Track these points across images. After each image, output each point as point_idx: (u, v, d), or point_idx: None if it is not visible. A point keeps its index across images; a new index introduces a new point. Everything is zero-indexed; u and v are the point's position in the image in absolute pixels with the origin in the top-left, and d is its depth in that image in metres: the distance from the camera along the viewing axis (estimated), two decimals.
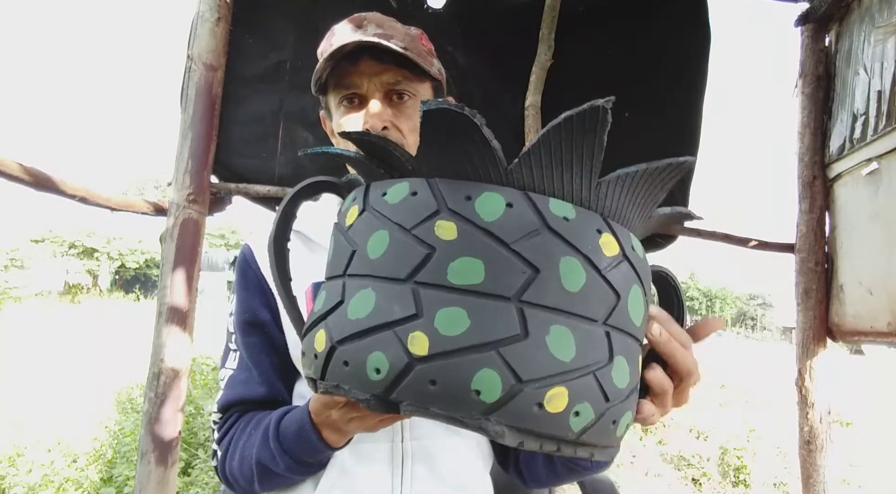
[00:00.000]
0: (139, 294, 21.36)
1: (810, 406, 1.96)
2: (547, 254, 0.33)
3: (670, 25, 2.13)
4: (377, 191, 0.39)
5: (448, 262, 0.33)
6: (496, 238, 0.33)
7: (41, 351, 6.69)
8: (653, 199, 0.40)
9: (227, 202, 1.92)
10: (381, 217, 0.37)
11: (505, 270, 0.33)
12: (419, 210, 0.35)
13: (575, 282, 0.34)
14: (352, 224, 0.39)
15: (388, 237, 0.36)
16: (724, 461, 3.67)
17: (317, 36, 2.13)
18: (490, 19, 2.05)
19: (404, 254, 0.35)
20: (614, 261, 0.36)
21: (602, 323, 0.35)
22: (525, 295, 0.33)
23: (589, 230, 0.35)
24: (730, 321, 43.50)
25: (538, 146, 0.34)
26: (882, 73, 1.69)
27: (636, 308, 0.37)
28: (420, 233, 0.34)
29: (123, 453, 2.99)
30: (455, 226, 0.34)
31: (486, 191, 0.34)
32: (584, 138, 0.34)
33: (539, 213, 0.34)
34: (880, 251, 1.70)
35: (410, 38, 0.73)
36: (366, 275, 0.36)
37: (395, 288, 0.34)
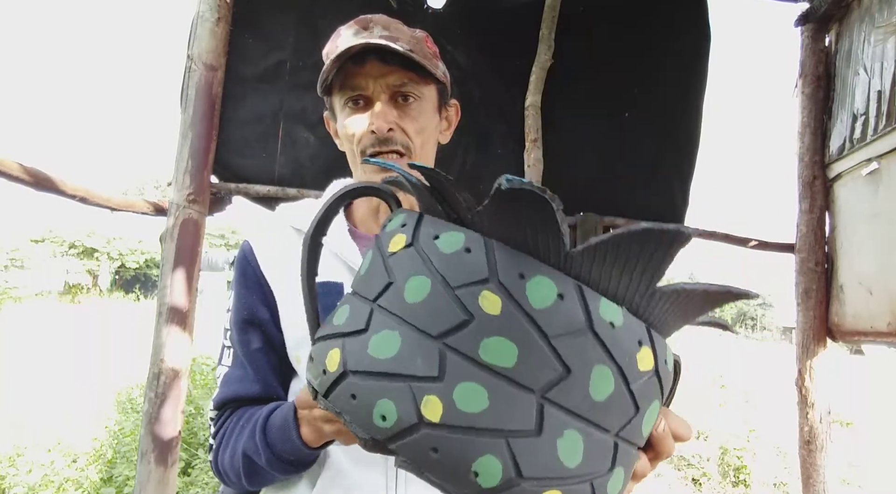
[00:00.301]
0: (139, 294, 21.36)
1: (810, 406, 1.96)
2: (583, 357, 0.32)
3: (670, 25, 2.13)
4: (429, 230, 0.37)
5: (483, 337, 0.32)
6: (538, 328, 0.32)
7: (41, 351, 6.69)
8: (701, 314, 0.39)
9: (227, 202, 1.92)
10: (427, 262, 0.35)
11: (537, 363, 0.32)
12: (469, 271, 0.34)
13: (602, 391, 0.33)
14: (395, 252, 0.38)
15: (429, 286, 0.34)
16: (724, 461, 3.67)
17: (317, 36, 2.14)
18: (490, 19, 2.05)
19: (442, 311, 0.33)
20: (645, 376, 0.35)
21: (614, 434, 0.35)
22: (550, 393, 0.32)
23: (631, 341, 0.34)
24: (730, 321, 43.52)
25: (607, 243, 0.32)
26: (882, 73, 1.69)
27: (649, 420, 0.37)
28: (463, 296, 0.33)
29: (123, 453, 2.99)
30: (500, 302, 0.32)
31: (541, 274, 0.33)
32: (656, 251, 0.33)
33: (587, 313, 0.33)
34: (880, 251, 1.70)
35: (416, 40, 0.73)
36: (397, 316, 0.35)
37: (424, 343, 0.34)
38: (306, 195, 1.89)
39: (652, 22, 2.13)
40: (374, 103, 0.72)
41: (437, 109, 0.78)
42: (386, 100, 0.72)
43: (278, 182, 1.92)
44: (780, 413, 4.96)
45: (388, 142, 0.71)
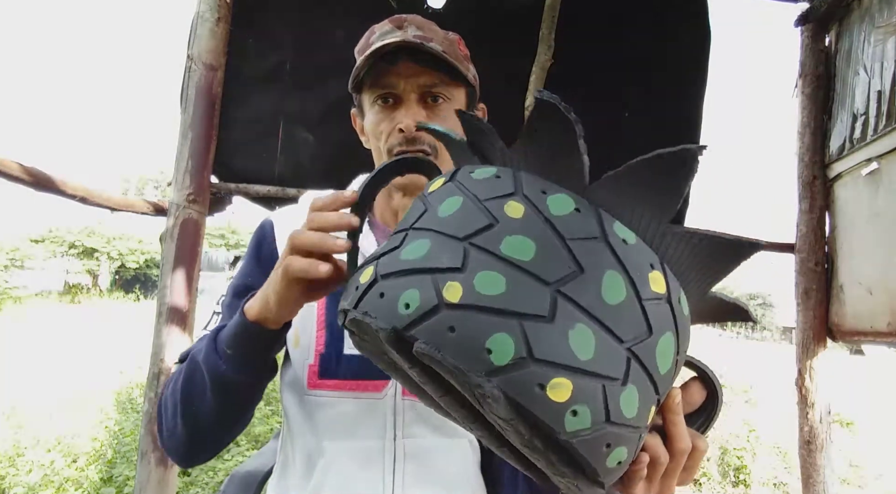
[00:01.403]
0: (139, 294, 21.35)
1: (810, 406, 1.96)
2: (596, 260, 0.35)
3: (670, 25, 2.13)
4: (467, 169, 0.42)
5: (505, 235, 0.35)
6: (556, 230, 0.35)
7: (41, 350, 6.69)
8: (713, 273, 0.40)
9: (227, 202, 1.92)
10: (461, 187, 0.40)
11: (553, 259, 0.35)
12: (497, 188, 0.38)
13: (613, 295, 0.35)
14: (433, 191, 0.42)
15: (460, 202, 0.38)
16: (724, 461, 3.67)
17: (317, 36, 2.14)
18: (490, 19, 2.05)
19: (470, 218, 0.37)
20: (657, 298, 0.36)
21: (627, 347, 0.35)
22: (564, 288, 0.34)
23: (643, 260, 0.36)
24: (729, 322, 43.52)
25: (623, 174, 0.36)
26: (882, 73, 1.68)
27: (664, 356, 0.37)
28: (490, 205, 0.37)
29: (123, 453, 2.99)
30: (523, 209, 0.36)
31: (562, 192, 0.37)
32: (668, 180, 0.36)
33: (602, 227, 0.36)
34: (880, 251, 1.70)
35: (449, 41, 0.74)
36: (429, 229, 0.39)
37: (450, 243, 0.37)
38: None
39: (652, 22, 2.13)
40: (404, 102, 0.72)
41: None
42: (416, 99, 0.72)
43: (278, 182, 1.92)
44: (780, 413, 4.96)
45: (415, 142, 0.71)
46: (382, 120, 0.73)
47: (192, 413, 0.62)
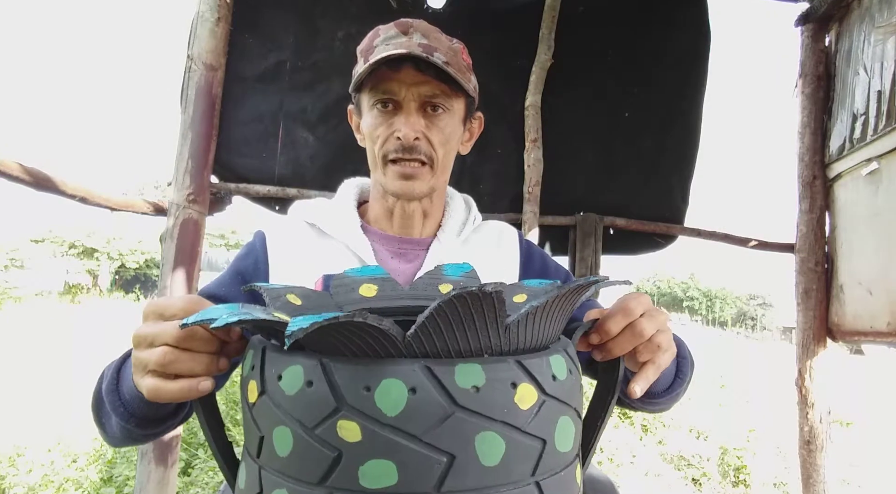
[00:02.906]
0: (139, 294, 21.35)
1: (810, 406, 1.96)
2: (461, 437, 0.32)
3: (670, 25, 2.13)
4: (272, 370, 0.36)
5: (358, 466, 0.32)
6: (404, 433, 0.31)
7: (41, 350, 6.69)
8: (571, 307, 0.39)
9: (227, 202, 1.92)
10: (280, 408, 0.35)
11: (419, 466, 0.31)
12: (318, 407, 0.33)
13: (495, 456, 0.33)
14: (254, 403, 0.37)
15: (291, 435, 0.34)
16: (724, 461, 3.66)
17: (317, 36, 2.13)
18: (490, 19, 2.05)
19: (311, 457, 0.33)
20: (534, 410, 0.35)
21: (530, 477, 0.34)
22: (444, 486, 0.32)
23: (502, 391, 0.33)
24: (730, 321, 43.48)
25: (433, 316, 0.32)
26: (882, 73, 1.68)
27: (566, 436, 0.37)
28: (323, 434, 0.32)
29: (123, 453, 2.99)
30: (358, 427, 0.32)
31: (386, 376, 0.32)
32: (481, 305, 0.32)
33: (446, 392, 0.32)
34: (880, 251, 1.70)
35: (453, 52, 0.73)
36: (279, 472, 0.35)
37: (310, 493, 0.33)
38: (306, 195, 1.89)
39: (652, 22, 2.13)
40: (403, 109, 0.72)
41: (462, 122, 0.79)
42: (416, 108, 0.72)
43: (278, 182, 1.92)
44: (780, 413, 4.95)
45: (412, 151, 0.72)
46: (380, 124, 0.73)
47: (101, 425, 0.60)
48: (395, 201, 0.78)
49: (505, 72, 2.05)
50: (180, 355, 0.42)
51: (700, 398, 5.98)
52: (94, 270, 22.47)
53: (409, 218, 0.79)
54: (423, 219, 0.81)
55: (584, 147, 2.11)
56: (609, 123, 2.12)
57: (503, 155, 2.07)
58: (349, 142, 2.00)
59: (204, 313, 0.36)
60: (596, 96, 2.12)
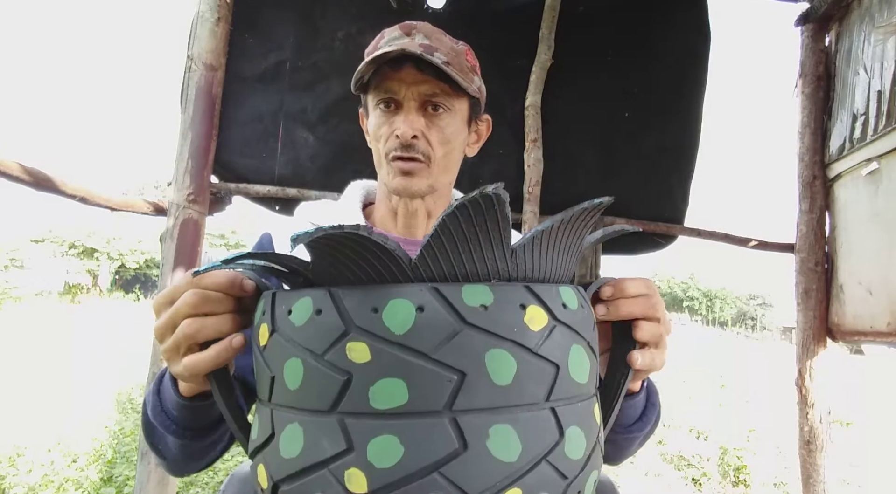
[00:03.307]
0: (139, 294, 21.35)
1: (810, 406, 1.96)
2: (471, 354, 0.32)
3: (670, 25, 2.13)
4: (282, 307, 0.36)
5: (368, 387, 0.31)
6: (413, 350, 0.31)
7: (41, 350, 6.69)
8: (579, 239, 0.38)
9: (227, 202, 1.92)
10: (291, 342, 0.35)
11: (429, 383, 0.31)
12: (327, 332, 0.33)
13: (506, 374, 0.32)
14: (265, 345, 0.37)
15: (301, 365, 0.34)
16: (724, 461, 3.66)
17: (317, 36, 2.13)
18: (490, 19, 2.05)
19: (322, 384, 0.33)
20: (545, 333, 0.34)
21: (545, 401, 0.34)
22: (456, 404, 0.31)
23: (511, 311, 0.33)
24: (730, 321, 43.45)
25: (438, 235, 0.32)
26: (882, 73, 1.68)
27: (580, 366, 0.36)
28: (333, 358, 0.32)
29: (123, 453, 2.99)
30: (367, 347, 0.31)
31: (393, 298, 0.32)
32: (485, 218, 0.32)
33: (453, 310, 0.32)
34: (880, 251, 1.70)
35: (455, 52, 0.74)
36: (290, 407, 0.35)
37: (321, 422, 0.33)
38: (306, 195, 1.89)
39: (652, 22, 2.13)
40: (404, 108, 0.73)
41: (466, 123, 0.79)
42: (416, 107, 0.73)
43: (278, 182, 1.92)
44: (780, 413, 4.96)
45: (410, 149, 0.73)
46: (383, 124, 0.75)
47: (160, 451, 0.61)
48: (398, 200, 0.79)
49: (505, 72, 2.05)
50: (204, 321, 0.42)
51: (700, 398, 5.98)
52: (94, 270, 22.47)
53: (413, 217, 0.80)
54: (426, 220, 0.81)
55: (584, 147, 2.11)
56: (609, 123, 2.12)
57: (503, 155, 2.07)
58: (349, 142, 2.00)
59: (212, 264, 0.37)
60: (596, 96, 2.12)
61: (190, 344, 0.43)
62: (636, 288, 0.48)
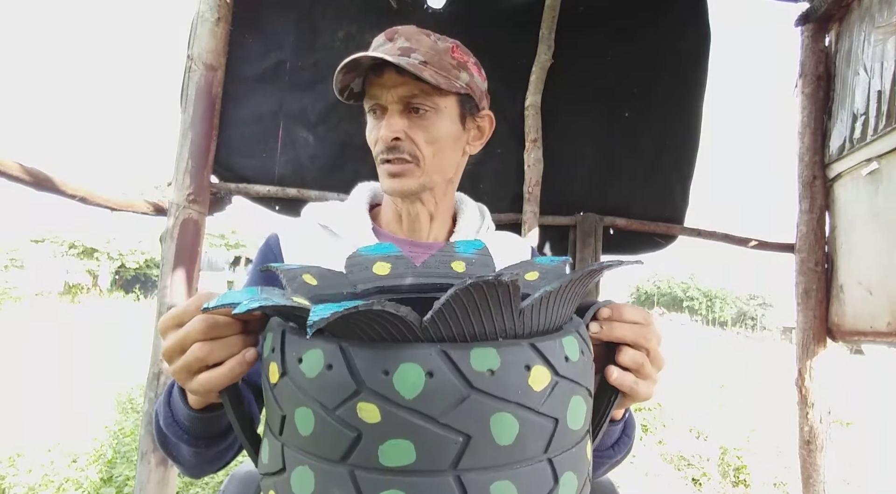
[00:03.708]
0: (139, 294, 21.35)
1: (810, 406, 1.96)
2: (476, 418, 0.33)
3: (670, 25, 2.13)
4: (292, 353, 0.37)
5: (377, 445, 0.33)
6: (422, 415, 0.32)
7: (41, 351, 6.69)
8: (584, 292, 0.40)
9: (227, 202, 1.92)
10: (302, 390, 0.36)
11: (436, 445, 0.33)
12: (338, 389, 0.34)
13: (508, 435, 0.34)
14: (276, 384, 0.38)
15: (313, 416, 0.35)
16: (724, 461, 3.67)
17: (317, 36, 2.13)
18: (490, 19, 2.05)
19: (333, 436, 0.34)
20: (548, 391, 0.35)
21: (542, 454, 0.35)
22: (461, 465, 0.33)
23: (516, 374, 0.34)
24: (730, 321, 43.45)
25: (450, 303, 0.33)
26: (882, 73, 1.68)
27: (578, 414, 0.38)
28: (344, 415, 0.34)
29: (123, 453, 2.99)
30: (377, 409, 0.33)
31: (403, 361, 0.33)
32: (498, 298, 0.33)
33: (461, 375, 0.33)
34: (880, 251, 1.70)
35: (436, 51, 0.73)
36: (301, 449, 0.36)
37: (332, 470, 0.34)
38: (306, 195, 1.89)
39: (652, 22, 2.13)
40: (388, 113, 0.74)
41: (458, 120, 0.78)
42: (399, 110, 0.74)
43: (278, 182, 1.92)
44: (780, 413, 4.96)
45: (394, 150, 0.74)
46: (372, 129, 0.76)
47: (175, 458, 0.62)
48: (401, 204, 0.80)
49: (505, 72, 2.05)
50: (213, 345, 0.44)
51: (700, 398, 5.98)
52: (94, 270, 22.47)
53: (415, 219, 0.80)
54: (429, 222, 0.82)
55: (584, 147, 2.11)
56: (609, 123, 2.12)
57: (503, 155, 2.07)
58: (349, 142, 2.00)
59: (225, 297, 0.37)
60: (596, 96, 2.12)
61: (200, 366, 0.44)
62: (633, 315, 0.49)
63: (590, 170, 2.11)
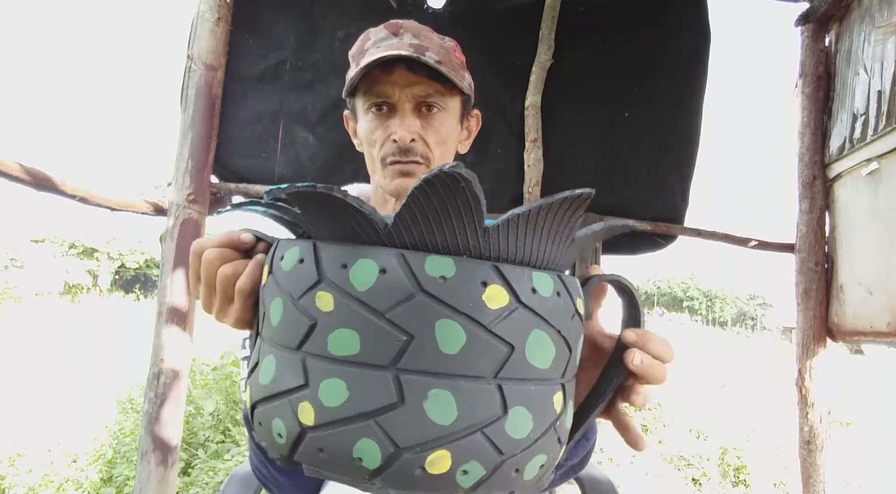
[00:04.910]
0: (139, 294, 21.36)
1: (810, 406, 1.96)
2: (421, 319, 0.33)
3: (670, 25, 2.13)
4: (279, 252, 0.40)
5: (328, 334, 0.34)
6: (369, 307, 0.34)
7: (41, 350, 6.69)
8: (565, 229, 0.38)
9: (227, 202, 1.92)
10: (278, 283, 0.38)
11: (379, 339, 0.33)
12: (304, 280, 0.36)
13: (453, 344, 0.34)
14: (264, 285, 0.41)
15: (282, 305, 0.37)
16: (724, 461, 3.67)
17: (317, 36, 2.13)
18: (490, 19, 2.05)
19: (294, 324, 0.36)
20: (503, 312, 0.35)
21: (492, 377, 0.35)
22: (401, 363, 0.33)
23: (470, 286, 0.34)
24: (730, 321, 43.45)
25: (410, 205, 0.33)
26: (882, 73, 1.69)
27: (540, 351, 0.37)
28: (304, 303, 0.36)
29: (123, 453, 2.99)
30: (332, 298, 0.34)
31: (362, 257, 0.35)
32: (454, 194, 0.33)
33: (413, 276, 0.34)
34: (880, 251, 1.70)
35: (445, 50, 0.73)
36: (271, 340, 0.39)
37: (289, 357, 0.36)
38: None
39: (652, 22, 2.13)
40: (398, 111, 0.72)
41: (459, 120, 0.78)
42: (410, 109, 0.72)
43: (278, 182, 1.92)
44: (780, 413, 4.96)
45: (408, 153, 0.72)
46: (377, 128, 0.73)
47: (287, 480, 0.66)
48: (394, 203, 0.78)
49: (505, 72, 2.05)
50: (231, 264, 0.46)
51: (700, 398, 5.98)
52: (94, 270, 22.47)
53: None
54: None
55: (584, 147, 2.11)
56: (609, 123, 2.12)
57: (503, 155, 2.07)
58: (349, 142, 1.99)
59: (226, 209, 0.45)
60: (596, 96, 2.12)
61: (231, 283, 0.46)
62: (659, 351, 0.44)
63: (590, 171, 2.11)
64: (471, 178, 0.32)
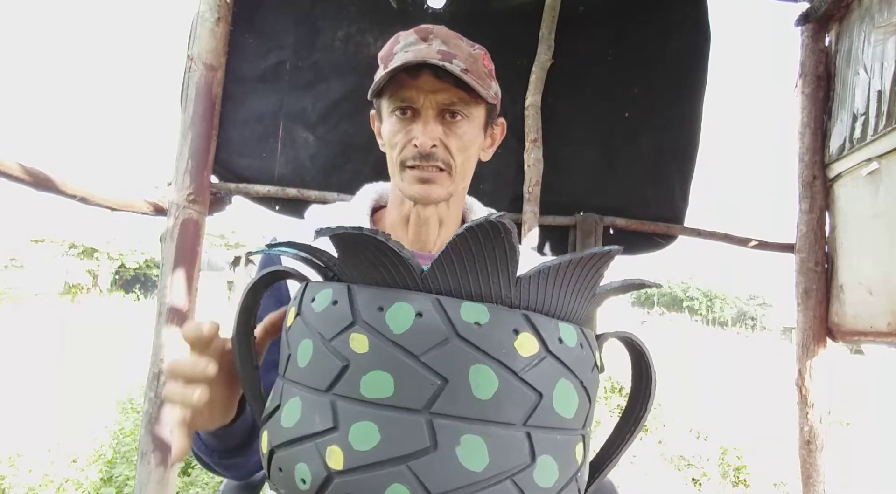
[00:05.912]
0: (139, 294, 21.36)
1: (810, 406, 1.96)
2: (456, 364, 0.34)
3: (670, 25, 2.13)
4: (309, 294, 0.40)
5: (361, 376, 0.34)
6: (405, 350, 0.34)
7: (41, 350, 6.69)
8: (590, 283, 0.39)
9: (227, 202, 1.92)
10: (308, 324, 0.38)
11: (413, 383, 0.33)
12: (337, 321, 0.36)
13: (486, 389, 0.34)
14: (290, 326, 0.41)
15: (311, 346, 0.37)
16: (724, 461, 3.67)
17: (317, 36, 2.13)
18: (490, 19, 2.05)
19: (324, 365, 0.36)
20: (533, 361, 0.35)
21: (521, 425, 0.35)
22: (434, 407, 0.33)
23: (503, 333, 0.35)
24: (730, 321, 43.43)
25: (449, 252, 0.34)
26: (882, 73, 1.68)
27: (566, 400, 0.37)
28: (337, 345, 0.36)
29: (123, 453, 2.99)
30: (367, 339, 0.35)
31: (398, 300, 0.35)
32: (493, 244, 0.34)
33: (449, 321, 0.34)
34: (880, 251, 1.70)
35: (473, 58, 0.73)
36: (296, 383, 0.38)
37: (317, 399, 0.36)
38: (306, 195, 1.89)
39: (652, 22, 2.13)
40: (422, 116, 0.72)
41: (483, 128, 0.78)
42: (434, 115, 0.72)
43: (278, 182, 1.92)
44: (780, 413, 4.96)
45: (429, 158, 0.72)
46: (399, 131, 0.73)
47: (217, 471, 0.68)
48: (411, 206, 0.78)
49: (505, 72, 2.05)
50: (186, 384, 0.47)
51: (700, 398, 5.98)
52: (94, 270, 22.46)
53: (425, 224, 0.78)
54: (438, 227, 0.80)
55: (584, 147, 2.11)
56: (609, 123, 2.12)
57: (503, 155, 2.07)
58: (349, 142, 2.01)
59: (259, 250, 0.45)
60: (596, 96, 2.12)
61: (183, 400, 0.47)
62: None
63: (590, 170, 2.11)
64: (511, 229, 0.33)
